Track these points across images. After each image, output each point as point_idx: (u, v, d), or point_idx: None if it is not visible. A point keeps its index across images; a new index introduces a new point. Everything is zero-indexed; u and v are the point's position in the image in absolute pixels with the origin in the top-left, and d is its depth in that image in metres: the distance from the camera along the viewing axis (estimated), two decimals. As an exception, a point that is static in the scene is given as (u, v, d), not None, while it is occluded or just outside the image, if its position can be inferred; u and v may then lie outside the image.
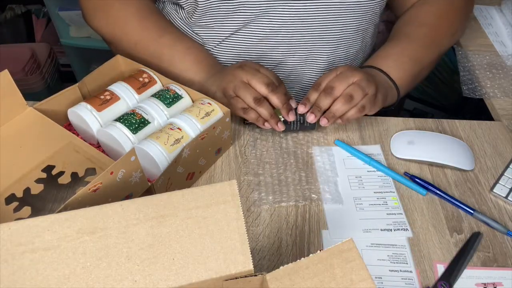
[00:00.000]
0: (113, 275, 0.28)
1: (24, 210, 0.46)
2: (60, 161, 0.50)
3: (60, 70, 1.73)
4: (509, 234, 0.52)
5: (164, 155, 0.50)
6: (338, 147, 0.62)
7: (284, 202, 0.55)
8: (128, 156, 0.44)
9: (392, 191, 0.57)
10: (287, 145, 0.62)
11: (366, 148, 0.62)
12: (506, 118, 0.68)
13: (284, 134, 0.63)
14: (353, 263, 0.30)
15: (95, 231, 0.30)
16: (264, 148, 0.61)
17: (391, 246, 0.51)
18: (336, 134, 0.64)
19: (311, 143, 0.62)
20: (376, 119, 0.66)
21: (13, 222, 0.30)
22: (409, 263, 0.50)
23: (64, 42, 1.52)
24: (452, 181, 0.59)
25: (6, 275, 0.28)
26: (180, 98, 0.58)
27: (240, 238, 0.31)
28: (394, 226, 0.53)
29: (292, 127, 0.60)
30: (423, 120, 0.67)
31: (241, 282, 0.30)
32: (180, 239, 0.30)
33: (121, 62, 0.63)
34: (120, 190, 0.45)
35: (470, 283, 0.48)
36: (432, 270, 0.49)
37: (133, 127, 0.53)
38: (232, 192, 0.33)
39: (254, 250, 0.50)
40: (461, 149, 0.61)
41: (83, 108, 0.54)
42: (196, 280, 0.29)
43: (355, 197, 0.56)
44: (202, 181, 0.57)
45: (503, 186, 0.57)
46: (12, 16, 1.78)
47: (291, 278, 0.29)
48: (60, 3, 1.43)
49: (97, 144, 0.56)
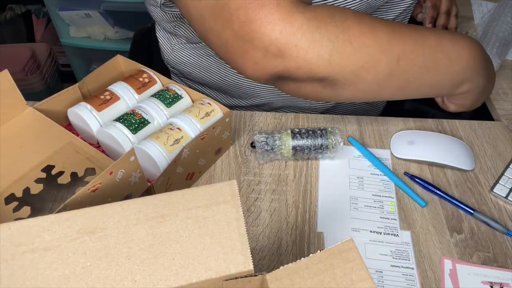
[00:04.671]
0: (113, 275, 0.28)
1: (24, 210, 0.46)
2: (60, 161, 0.50)
3: (60, 70, 1.73)
4: (509, 234, 0.52)
5: (164, 155, 0.50)
6: (346, 147, 0.62)
7: (284, 202, 0.55)
8: (127, 156, 0.44)
9: (391, 196, 0.57)
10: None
11: (374, 151, 0.62)
12: (506, 118, 0.68)
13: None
14: (353, 263, 0.30)
15: (95, 231, 0.30)
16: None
17: (394, 242, 0.51)
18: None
19: (323, 157, 0.61)
20: (376, 119, 0.66)
21: (13, 222, 0.30)
22: (411, 260, 0.50)
23: (64, 42, 1.53)
24: (452, 181, 0.59)
25: (6, 275, 0.28)
26: (180, 98, 0.58)
27: (240, 238, 0.31)
28: (384, 230, 0.53)
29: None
30: (423, 120, 0.67)
31: (241, 282, 0.30)
32: (180, 239, 0.30)
33: (121, 62, 0.63)
34: (120, 190, 0.45)
35: (476, 281, 0.48)
36: (433, 270, 0.49)
37: (133, 127, 0.53)
38: (232, 192, 0.33)
39: (254, 250, 0.50)
40: (461, 149, 0.61)
41: (83, 108, 0.54)
42: (196, 280, 0.29)
43: (351, 196, 0.56)
44: (202, 181, 0.57)
45: (503, 186, 0.57)
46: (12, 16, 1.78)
47: (291, 278, 0.29)
48: (60, 3, 1.43)
49: (97, 144, 0.56)
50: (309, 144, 0.57)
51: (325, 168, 0.59)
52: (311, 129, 0.59)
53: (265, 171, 0.59)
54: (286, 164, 0.60)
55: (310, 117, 0.66)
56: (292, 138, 0.57)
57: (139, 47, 0.92)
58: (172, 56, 0.75)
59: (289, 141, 0.57)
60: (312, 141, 0.57)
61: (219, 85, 0.73)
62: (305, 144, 0.57)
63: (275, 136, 0.58)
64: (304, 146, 0.57)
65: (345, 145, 0.62)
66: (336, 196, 0.56)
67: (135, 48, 0.92)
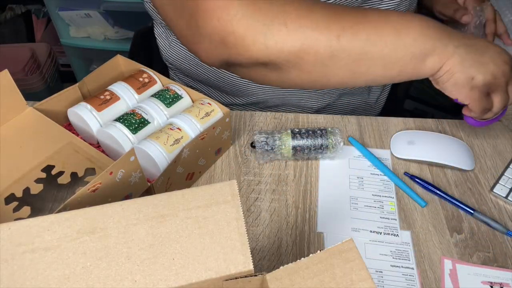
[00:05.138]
0: (113, 275, 0.28)
1: (24, 210, 0.46)
2: (60, 161, 0.50)
3: (60, 70, 1.73)
4: (509, 234, 0.52)
5: (164, 155, 0.50)
6: (346, 147, 0.62)
7: (284, 202, 0.55)
8: (127, 156, 0.44)
9: (391, 196, 0.57)
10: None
11: (374, 151, 0.62)
12: (506, 118, 0.68)
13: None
14: (353, 263, 0.30)
15: (95, 231, 0.30)
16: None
17: (394, 242, 0.51)
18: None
19: (322, 157, 0.61)
20: (376, 119, 0.66)
21: (13, 222, 0.30)
22: (411, 260, 0.50)
23: (64, 42, 1.53)
24: (452, 181, 0.59)
25: (6, 275, 0.28)
26: (180, 98, 0.58)
27: (240, 238, 0.31)
28: (384, 230, 0.53)
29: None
30: (423, 120, 0.67)
31: (241, 282, 0.30)
32: (180, 239, 0.30)
33: (121, 62, 0.63)
34: (120, 190, 0.45)
35: (476, 281, 0.48)
36: (433, 270, 0.49)
37: (133, 127, 0.53)
38: (232, 192, 0.33)
39: (254, 250, 0.50)
40: (461, 149, 0.61)
41: (83, 108, 0.54)
42: (196, 280, 0.29)
43: (351, 196, 0.56)
44: (202, 181, 0.57)
45: (503, 186, 0.57)
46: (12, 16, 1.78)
47: (291, 278, 0.29)
48: (60, 3, 1.43)
49: (97, 144, 0.56)
50: (309, 144, 0.57)
51: (325, 168, 0.59)
52: (311, 129, 0.59)
53: (265, 171, 0.59)
54: (286, 164, 0.60)
55: (310, 117, 0.66)
56: (292, 138, 0.57)
57: (139, 47, 0.92)
58: (170, 53, 0.75)
59: (289, 141, 0.57)
60: (312, 141, 0.57)
61: (214, 81, 0.73)
62: (305, 144, 0.57)
63: (275, 136, 0.58)
64: (304, 146, 0.57)
65: (345, 145, 0.62)
66: (336, 196, 0.56)
67: (135, 48, 0.92)
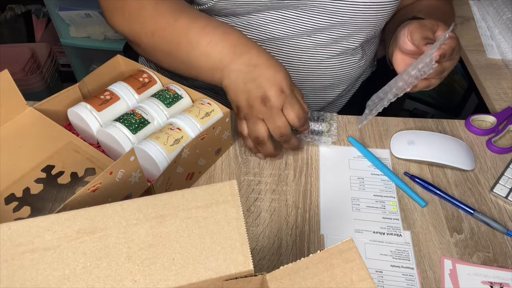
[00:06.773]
0: (113, 275, 0.28)
1: (24, 210, 0.46)
2: (60, 161, 0.50)
3: (60, 70, 1.73)
4: (509, 234, 0.52)
5: (164, 155, 0.50)
6: (346, 148, 0.62)
7: (284, 202, 0.55)
8: (127, 156, 0.44)
9: (393, 196, 0.57)
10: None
11: (374, 151, 0.62)
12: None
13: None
14: (353, 263, 0.30)
15: (95, 231, 0.30)
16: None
17: (394, 242, 0.51)
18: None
19: (319, 141, 0.62)
20: (376, 119, 0.66)
21: (13, 222, 0.30)
22: (411, 260, 0.50)
23: (64, 42, 1.53)
24: (452, 181, 0.59)
25: (6, 275, 0.28)
26: (180, 98, 0.58)
27: (240, 238, 0.31)
28: (387, 230, 0.53)
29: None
30: (423, 120, 0.67)
31: (241, 282, 0.30)
32: (180, 239, 0.30)
33: (121, 62, 0.63)
34: (120, 190, 0.45)
35: (476, 281, 0.48)
36: (433, 270, 0.49)
37: (133, 127, 0.53)
38: (232, 192, 0.33)
39: (254, 250, 0.50)
40: (461, 149, 0.61)
41: (83, 108, 0.54)
42: (196, 280, 0.29)
43: (353, 197, 0.56)
44: (202, 181, 0.57)
45: (503, 186, 0.57)
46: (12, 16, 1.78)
47: (291, 278, 0.29)
48: (60, 3, 1.43)
49: (97, 144, 0.56)
50: None
51: (325, 169, 0.59)
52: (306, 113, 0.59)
53: (265, 171, 0.59)
54: (286, 164, 0.60)
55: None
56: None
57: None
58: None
59: None
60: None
61: (208, 84, 0.73)
62: None
63: None
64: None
65: (345, 145, 0.62)
66: (338, 198, 0.56)
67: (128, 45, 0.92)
